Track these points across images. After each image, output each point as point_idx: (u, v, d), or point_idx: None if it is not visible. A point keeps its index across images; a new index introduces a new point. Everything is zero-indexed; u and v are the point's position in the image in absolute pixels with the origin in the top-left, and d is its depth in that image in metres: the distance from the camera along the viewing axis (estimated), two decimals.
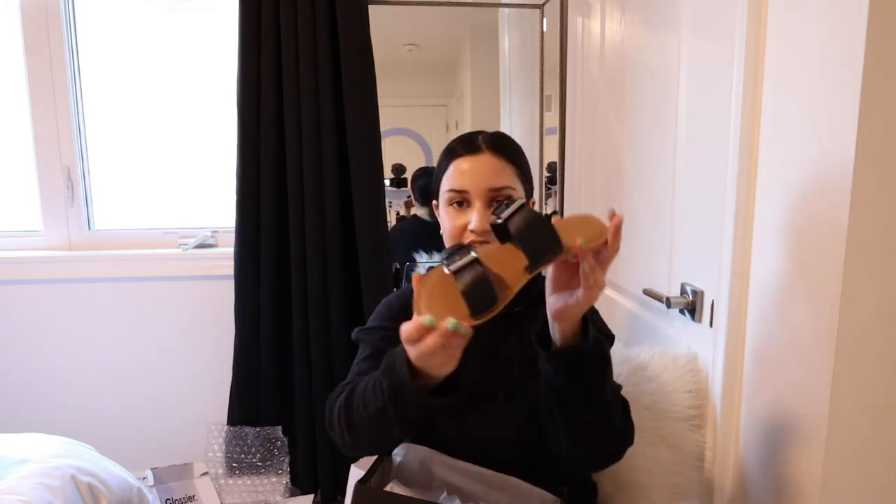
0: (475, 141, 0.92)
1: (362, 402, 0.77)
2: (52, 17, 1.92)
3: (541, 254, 0.71)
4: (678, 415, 1.07)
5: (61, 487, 1.18)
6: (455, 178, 0.90)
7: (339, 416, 0.81)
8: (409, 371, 0.69)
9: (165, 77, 2.06)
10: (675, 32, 1.18)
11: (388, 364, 0.73)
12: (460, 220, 0.90)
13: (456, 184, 0.90)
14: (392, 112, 1.99)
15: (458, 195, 0.90)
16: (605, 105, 1.56)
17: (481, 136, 0.93)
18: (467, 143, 0.92)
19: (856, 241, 0.74)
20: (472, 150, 0.91)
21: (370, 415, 0.75)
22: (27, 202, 2.03)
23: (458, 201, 0.91)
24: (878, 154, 0.73)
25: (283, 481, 1.87)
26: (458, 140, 0.94)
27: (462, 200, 0.90)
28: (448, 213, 0.92)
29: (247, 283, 1.88)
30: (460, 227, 0.90)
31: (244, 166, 1.83)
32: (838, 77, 0.75)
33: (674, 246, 1.21)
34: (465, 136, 0.94)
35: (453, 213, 0.91)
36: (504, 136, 0.95)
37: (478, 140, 0.92)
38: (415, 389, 0.70)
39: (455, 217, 0.91)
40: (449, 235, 0.92)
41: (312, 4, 1.75)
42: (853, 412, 0.79)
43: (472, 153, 0.90)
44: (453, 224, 0.91)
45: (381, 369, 0.75)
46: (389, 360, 0.73)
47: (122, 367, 2.04)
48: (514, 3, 2.11)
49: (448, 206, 0.92)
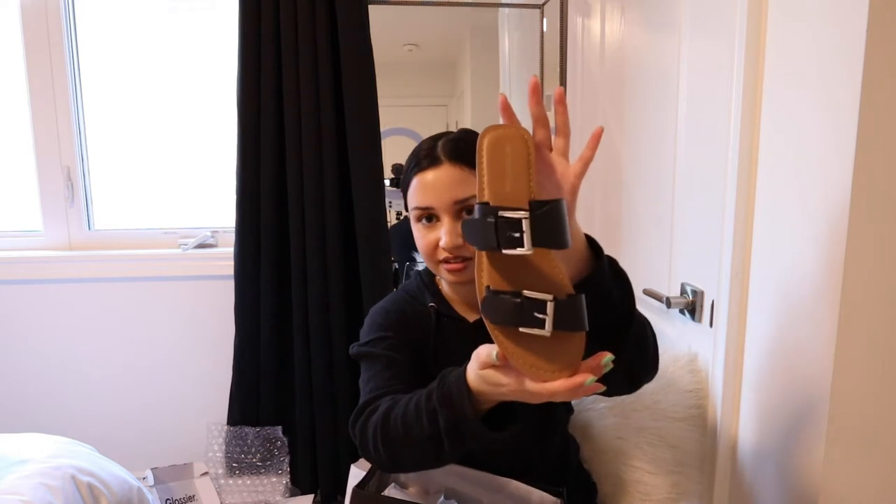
0: (434, 151, 0.87)
1: (402, 426, 0.74)
2: (52, 17, 1.92)
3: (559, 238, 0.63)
4: (679, 414, 1.07)
5: (61, 487, 1.18)
6: (419, 195, 0.88)
7: (376, 439, 0.77)
8: (472, 406, 0.68)
9: (165, 77, 2.06)
10: (675, 32, 1.18)
11: (443, 393, 0.71)
12: (431, 236, 0.88)
13: (420, 200, 0.88)
14: (392, 112, 1.99)
15: (424, 212, 0.88)
16: (605, 105, 1.56)
17: (441, 143, 0.88)
18: (428, 153, 0.88)
19: (856, 241, 0.74)
20: (433, 163, 0.87)
21: (416, 439, 0.73)
22: (27, 202, 2.02)
23: (426, 216, 0.88)
24: (878, 154, 0.73)
25: (283, 481, 1.87)
26: (421, 149, 0.90)
27: (430, 216, 0.88)
28: (418, 229, 0.90)
29: (247, 283, 1.88)
30: (432, 243, 0.88)
31: (244, 166, 1.83)
32: (838, 77, 0.75)
33: (674, 246, 1.21)
34: (427, 145, 0.90)
35: (423, 229, 0.89)
36: (466, 139, 0.89)
37: (437, 150, 0.87)
38: (479, 426, 0.68)
39: (426, 234, 0.89)
40: (423, 252, 0.90)
41: (312, 4, 1.75)
42: (854, 411, 0.79)
43: (433, 165, 0.87)
44: (425, 241, 0.89)
45: (434, 398, 0.72)
46: (445, 390, 0.71)
47: (122, 367, 2.04)
48: (514, 3, 2.11)
49: (417, 223, 0.90)
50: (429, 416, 0.71)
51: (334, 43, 1.78)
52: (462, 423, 0.69)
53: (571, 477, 1.02)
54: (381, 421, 0.77)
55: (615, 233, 1.51)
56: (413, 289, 1.00)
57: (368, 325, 0.96)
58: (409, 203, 0.91)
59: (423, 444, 0.72)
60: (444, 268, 0.88)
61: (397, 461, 0.78)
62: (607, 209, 1.56)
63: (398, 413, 0.75)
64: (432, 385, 0.74)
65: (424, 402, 0.73)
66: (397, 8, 1.99)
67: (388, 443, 0.76)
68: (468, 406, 0.68)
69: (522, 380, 0.63)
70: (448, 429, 0.70)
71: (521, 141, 0.64)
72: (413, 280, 1.01)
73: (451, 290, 0.96)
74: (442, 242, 0.86)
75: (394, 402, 0.78)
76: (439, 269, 0.90)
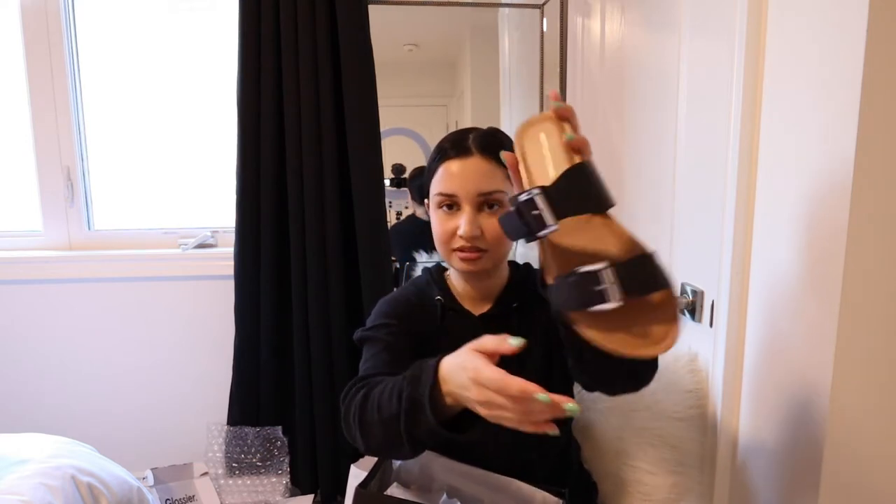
0: (465, 142, 0.90)
1: (377, 402, 0.75)
2: (52, 17, 1.92)
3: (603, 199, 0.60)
4: (679, 415, 1.07)
5: (61, 487, 1.18)
6: (444, 182, 0.89)
7: (355, 413, 0.78)
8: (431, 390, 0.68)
9: (165, 77, 2.06)
10: (675, 32, 1.18)
11: (413, 375, 0.72)
12: (450, 223, 0.90)
13: (445, 187, 0.89)
14: (392, 112, 1.99)
15: (447, 199, 0.90)
16: (605, 105, 1.56)
17: (472, 135, 0.91)
18: (457, 144, 0.90)
19: (856, 241, 0.74)
20: (462, 153, 0.89)
21: (382, 419, 0.73)
22: (27, 202, 2.02)
23: (448, 204, 0.90)
24: (879, 154, 0.73)
25: (283, 481, 1.87)
26: (449, 140, 0.92)
27: (451, 204, 0.90)
28: (438, 216, 0.92)
29: (247, 283, 1.88)
30: (450, 231, 0.90)
31: (244, 166, 1.83)
32: (838, 76, 0.75)
33: (674, 246, 1.21)
34: (456, 136, 0.92)
35: (443, 216, 0.91)
36: (496, 135, 0.93)
37: (468, 141, 0.90)
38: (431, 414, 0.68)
39: (445, 221, 0.90)
40: (438, 239, 0.92)
41: (312, 4, 1.75)
42: (854, 411, 0.79)
43: (462, 156, 0.89)
44: (443, 228, 0.90)
45: (406, 377, 0.73)
46: (416, 371, 0.72)
47: (121, 366, 2.04)
48: (514, 3, 2.11)
49: (437, 209, 0.91)
50: (397, 394, 0.72)
51: (334, 43, 1.78)
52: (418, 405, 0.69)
53: (573, 477, 1.02)
54: (363, 396, 0.78)
55: None
56: (422, 283, 1.02)
57: (374, 313, 0.98)
58: (433, 189, 0.92)
59: (388, 424, 0.72)
60: (457, 256, 0.90)
61: (366, 438, 0.77)
62: None
63: (379, 390, 0.77)
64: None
65: (400, 380, 0.74)
66: (397, 8, 1.99)
67: (363, 418, 0.76)
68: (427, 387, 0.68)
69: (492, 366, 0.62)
70: (407, 408, 0.70)
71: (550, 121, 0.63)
72: (422, 275, 1.04)
73: (460, 284, 0.99)
74: (461, 230, 0.88)
75: (381, 381, 0.79)
76: (452, 258, 0.92)
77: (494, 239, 0.88)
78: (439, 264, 1.04)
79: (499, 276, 0.98)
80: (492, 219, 0.88)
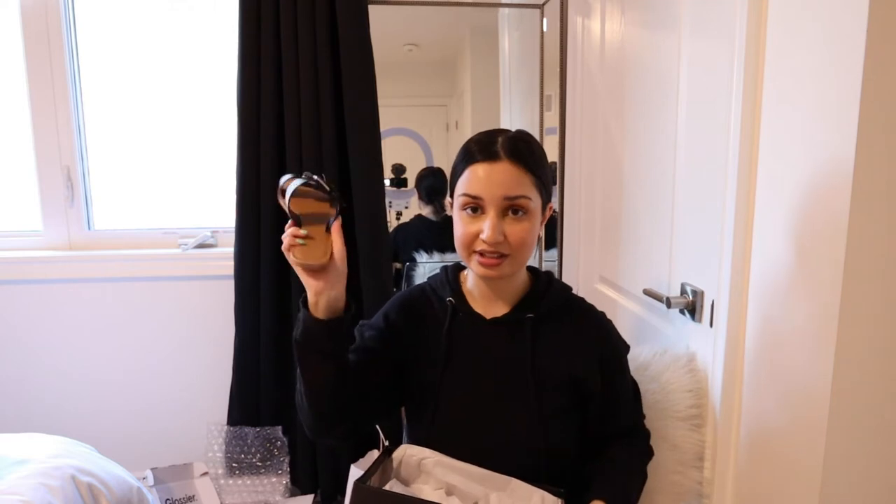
0: (494, 146, 0.88)
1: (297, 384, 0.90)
2: (52, 17, 1.92)
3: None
4: (679, 415, 1.07)
5: (61, 487, 1.18)
6: (471, 184, 0.88)
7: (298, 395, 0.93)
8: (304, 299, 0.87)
9: (165, 77, 2.06)
10: (675, 32, 1.18)
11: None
12: (473, 226, 0.89)
13: (471, 189, 0.88)
14: (392, 112, 1.99)
15: (472, 201, 0.89)
16: (605, 105, 1.56)
17: (501, 139, 0.89)
18: (487, 147, 0.89)
19: (856, 241, 0.74)
20: (491, 157, 0.88)
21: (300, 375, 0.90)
22: (27, 202, 2.03)
23: (473, 207, 0.89)
24: (879, 154, 0.73)
25: (283, 481, 1.87)
26: (478, 142, 0.91)
27: (476, 206, 0.89)
28: (461, 217, 0.91)
29: (247, 283, 1.88)
30: (472, 234, 0.89)
31: (244, 166, 1.83)
32: (838, 77, 0.75)
33: (674, 246, 1.21)
34: (486, 139, 0.90)
35: (466, 218, 0.90)
36: (526, 141, 0.91)
37: (497, 145, 0.88)
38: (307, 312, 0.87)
39: (468, 223, 0.90)
40: (460, 241, 0.91)
41: (312, 4, 1.75)
42: (854, 412, 0.79)
43: (491, 160, 0.88)
44: (465, 230, 0.90)
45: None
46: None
47: (121, 366, 2.04)
48: (514, 3, 2.11)
49: (461, 211, 0.91)
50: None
51: (334, 43, 1.78)
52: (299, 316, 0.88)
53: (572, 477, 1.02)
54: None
55: (615, 233, 1.51)
56: (437, 282, 1.03)
57: (380, 310, 1.04)
58: (458, 190, 0.91)
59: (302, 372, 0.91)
60: (477, 259, 0.90)
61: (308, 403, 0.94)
62: (607, 209, 1.56)
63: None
64: None
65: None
66: (397, 8, 1.99)
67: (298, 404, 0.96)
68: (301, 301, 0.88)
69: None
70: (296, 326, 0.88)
71: None
72: (439, 274, 1.04)
73: (475, 286, 0.99)
74: (483, 235, 0.87)
75: None
76: (471, 260, 0.92)
77: (517, 244, 0.88)
78: (457, 263, 1.04)
79: (516, 279, 0.97)
80: (515, 225, 0.88)
